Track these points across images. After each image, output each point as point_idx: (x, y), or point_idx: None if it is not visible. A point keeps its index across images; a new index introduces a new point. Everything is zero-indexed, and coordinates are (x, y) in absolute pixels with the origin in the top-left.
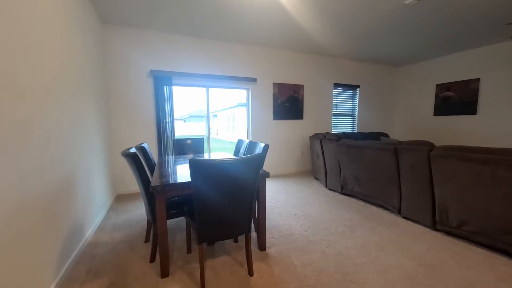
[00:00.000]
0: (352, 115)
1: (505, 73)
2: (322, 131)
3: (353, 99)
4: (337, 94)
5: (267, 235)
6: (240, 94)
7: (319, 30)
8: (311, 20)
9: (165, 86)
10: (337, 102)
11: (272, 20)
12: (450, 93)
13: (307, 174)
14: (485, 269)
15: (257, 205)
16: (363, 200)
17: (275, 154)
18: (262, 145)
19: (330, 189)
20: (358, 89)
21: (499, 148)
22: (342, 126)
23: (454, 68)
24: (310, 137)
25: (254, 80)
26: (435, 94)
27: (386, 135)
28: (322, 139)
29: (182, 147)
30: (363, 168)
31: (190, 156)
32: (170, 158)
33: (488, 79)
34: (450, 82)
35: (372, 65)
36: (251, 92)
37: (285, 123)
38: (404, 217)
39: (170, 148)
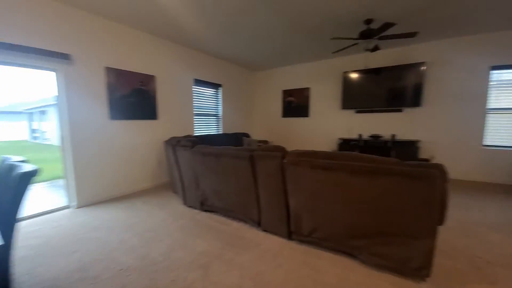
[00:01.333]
0: (217, 116)
1: (324, 85)
2: (183, 133)
3: (217, 98)
4: (199, 91)
5: None
6: None
7: (176, 7)
8: None
9: None
10: (199, 101)
11: None
12: (292, 98)
13: (167, 188)
14: (340, 279)
15: None
16: (224, 215)
17: (120, 167)
18: (26, 169)
19: (189, 207)
20: (221, 88)
21: (342, 152)
22: (207, 127)
23: (294, 77)
24: (164, 142)
25: (65, 57)
26: (282, 99)
27: (247, 135)
28: (175, 145)
29: None
30: (222, 179)
31: None
32: None
33: (315, 88)
34: (292, 89)
35: (234, 66)
36: (63, 76)
37: (132, 124)
38: (264, 230)
39: None
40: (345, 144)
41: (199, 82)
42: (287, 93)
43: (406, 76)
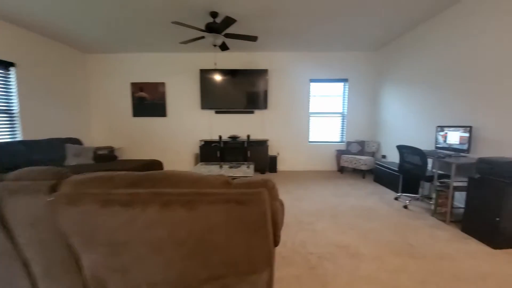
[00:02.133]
0: (10, 112)
1: (182, 81)
2: None
3: (8, 85)
4: None
5: None
6: None
7: None
8: None
9: None
10: None
11: None
12: (144, 94)
13: None
14: None
15: None
16: None
17: None
18: None
19: None
20: (14, 69)
21: (151, 173)
22: None
23: (145, 68)
24: None
25: None
26: (131, 94)
27: (77, 141)
28: None
29: None
30: None
31: None
32: None
33: (171, 84)
34: (143, 82)
35: (47, 40)
36: None
37: None
38: None
39: None
40: (207, 146)
41: None
42: (136, 86)
43: (256, 80)
